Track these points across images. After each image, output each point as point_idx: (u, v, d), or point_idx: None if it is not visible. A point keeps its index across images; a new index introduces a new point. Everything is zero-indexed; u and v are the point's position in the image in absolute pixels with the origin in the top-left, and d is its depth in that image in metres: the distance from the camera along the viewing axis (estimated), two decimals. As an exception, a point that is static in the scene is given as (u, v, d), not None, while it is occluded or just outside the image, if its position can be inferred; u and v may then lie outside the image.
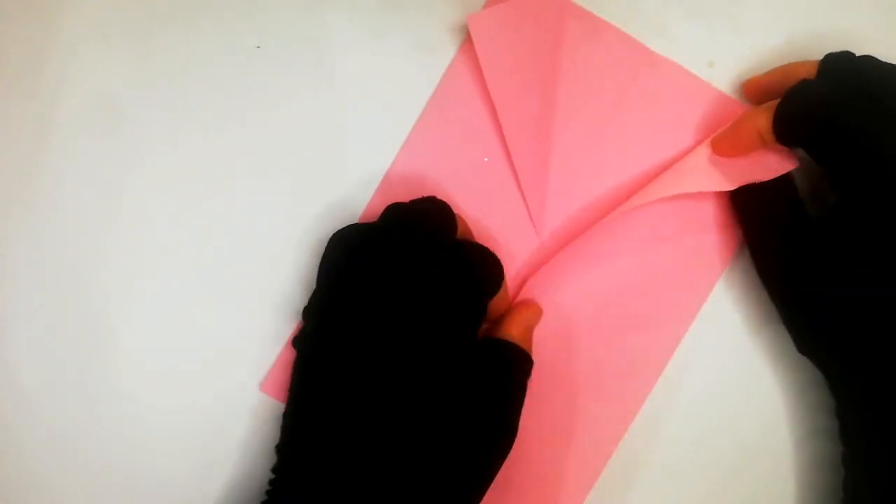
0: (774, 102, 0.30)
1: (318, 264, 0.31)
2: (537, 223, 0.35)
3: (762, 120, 0.30)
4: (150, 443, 0.34)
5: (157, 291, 0.35)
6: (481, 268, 0.30)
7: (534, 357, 0.32)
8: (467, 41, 0.36)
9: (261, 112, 0.36)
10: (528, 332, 0.33)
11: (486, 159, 0.35)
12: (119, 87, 0.36)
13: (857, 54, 0.31)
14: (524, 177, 0.35)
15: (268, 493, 0.29)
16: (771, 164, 0.32)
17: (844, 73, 0.30)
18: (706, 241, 0.35)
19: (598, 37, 0.35)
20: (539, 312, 0.34)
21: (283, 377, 0.34)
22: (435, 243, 0.30)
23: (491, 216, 0.35)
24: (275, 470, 0.29)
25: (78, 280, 0.35)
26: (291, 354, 0.34)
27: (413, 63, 0.36)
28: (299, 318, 0.34)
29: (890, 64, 0.30)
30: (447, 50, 0.36)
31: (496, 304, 0.31)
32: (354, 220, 0.35)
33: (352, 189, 0.36)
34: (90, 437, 0.34)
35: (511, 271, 0.35)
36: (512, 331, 0.31)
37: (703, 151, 0.33)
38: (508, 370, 0.30)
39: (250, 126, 0.36)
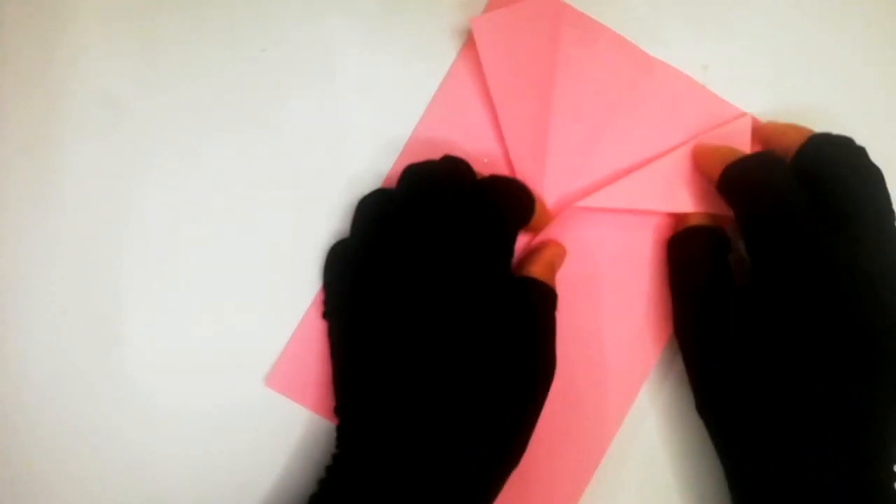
0: (739, 154, 0.31)
1: (351, 223, 0.33)
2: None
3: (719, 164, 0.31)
4: (156, 438, 0.35)
5: (163, 288, 0.35)
6: (505, 198, 0.31)
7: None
8: (468, 45, 0.36)
9: (264, 113, 0.36)
10: (551, 268, 0.33)
11: (485, 160, 0.36)
12: (124, 87, 0.36)
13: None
14: (522, 178, 0.35)
15: (337, 447, 0.30)
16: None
17: (820, 162, 0.30)
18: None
19: (596, 41, 0.36)
20: (562, 251, 0.35)
21: (289, 372, 0.35)
22: (457, 196, 0.31)
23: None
24: (340, 428, 0.31)
25: (83, 278, 0.35)
26: (296, 350, 0.35)
27: (414, 66, 0.36)
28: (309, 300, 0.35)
29: (867, 168, 0.30)
30: (448, 53, 0.36)
31: (537, 223, 0.33)
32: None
33: (353, 189, 0.36)
34: (96, 434, 0.35)
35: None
36: (534, 269, 0.32)
37: (673, 163, 0.34)
38: (535, 305, 0.31)
39: (254, 127, 0.36)
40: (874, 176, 0.29)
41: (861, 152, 0.30)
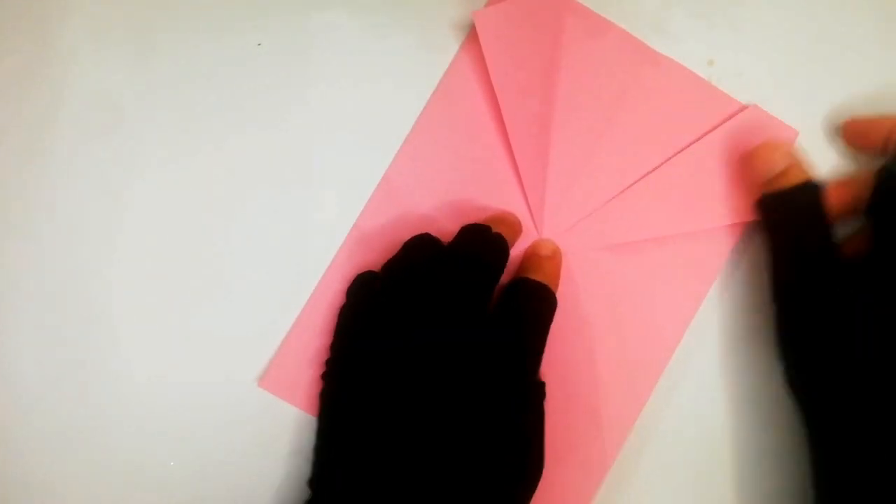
0: None
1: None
2: (536, 219, 0.36)
3: None
4: (148, 439, 0.34)
5: (156, 289, 0.35)
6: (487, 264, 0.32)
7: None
8: (469, 39, 0.36)
9: (261, 110, 0.36)
10: None
11: (486, 156, 0.36)
12: (119, 86, 0.36)
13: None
14: (525, 172, 0.35)
15: None
16: None
17: None
18: (701, 242, 0.35)
19: (600, 35, 0.35)
20: None
21: (282, 374, 0.35)
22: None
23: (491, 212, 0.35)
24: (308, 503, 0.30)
25: (77, 279, 0.35)
26: (290, 351, 0.35)
27: (415, 61, 0.36)
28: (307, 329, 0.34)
29: None
30: (449, 48, 0.36)
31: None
32: (354, 217, 0.36)
33: (352, 186, 0.36)
34: (89, 436, 0.34)
35: (510, 267, 0.35)
36: None
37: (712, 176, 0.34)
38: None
39: (250, 124, 0.36)
40: None
41: None
